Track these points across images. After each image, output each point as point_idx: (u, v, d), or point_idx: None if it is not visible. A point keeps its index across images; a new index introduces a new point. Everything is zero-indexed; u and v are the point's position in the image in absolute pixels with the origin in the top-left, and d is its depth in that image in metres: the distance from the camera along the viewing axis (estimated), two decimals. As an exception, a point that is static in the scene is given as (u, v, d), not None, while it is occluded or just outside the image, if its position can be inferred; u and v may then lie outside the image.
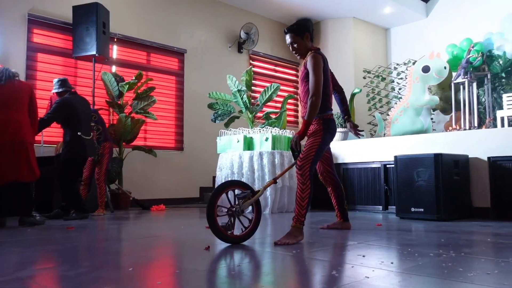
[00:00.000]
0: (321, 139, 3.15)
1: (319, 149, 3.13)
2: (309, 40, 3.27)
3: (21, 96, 4.20)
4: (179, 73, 7.65)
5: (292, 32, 3.25)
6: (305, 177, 3.02)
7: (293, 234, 2.92)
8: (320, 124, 3.20)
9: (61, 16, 6.26)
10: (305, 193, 3.01)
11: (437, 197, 4.29)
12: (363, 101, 8.40)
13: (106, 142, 5.39)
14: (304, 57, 3.28)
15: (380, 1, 8.49)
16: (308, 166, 3.05)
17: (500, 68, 7.36)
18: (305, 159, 3.06)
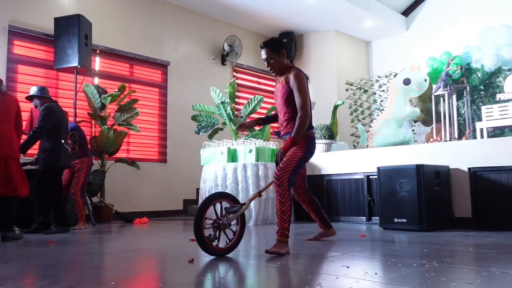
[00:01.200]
0: (302, 154, 3.12)
1: (299, 162, 3.11)
2: (285, 57, 3.24)
3: (10, 110, 4.17)
4: (163, 85, 7.63)
5: (269, 48, 3.18)
6: (283, 188, 2.98)
7: (280, 246, 2.92)
8: (304, 140, 3.16)
9: (42, 28, 6.20)
10: (285, 206, 2.98)
11: (419, 208, 4.33)
12: (346, 113, 8.49)
13: (85, 157, 5.30)
14: (279, 74, 3.25)
15: (361, 15, 8.64)
16: (286, 177, 3.00)
17: (478, 80, 7.53)
18: (283, 170, 3.02)
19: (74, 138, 5.21)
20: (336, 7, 8.21)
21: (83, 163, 5.27)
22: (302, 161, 3.14)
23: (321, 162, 5.97)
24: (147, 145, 7.33)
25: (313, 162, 6.03)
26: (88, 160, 5.34)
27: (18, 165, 4.11)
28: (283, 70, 3.23)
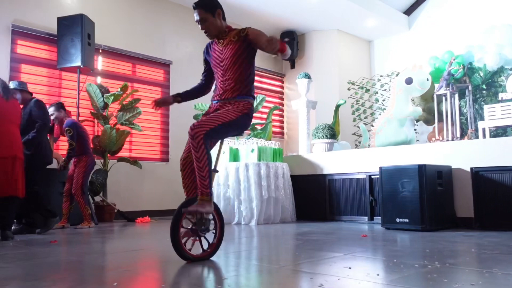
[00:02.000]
0: (234, 118, 2.74)
1: (226, 125, 2.70)
2: (221, 17, 2.90)
3: (18, 112, 4.30)
4: (165, 84, 7.64)
5: (201, 8, 2.84)
6: (197, 141, 2.59)
7: (201, 205, 2.63)
8: (247, 107, 2.83)
9: (45, 27, 6.22)
10: (201, 161, 2.60)
11: (421, 208, 4.34)
12: (348, 112, 8.49)
13: (83, 155, 5.27)
14: (216, 37, 2.93)
15: (363, 14, 8.63)
16: (203, 131, 2.60)
17: (480, 80, 7.52)
18: (203, 123, 2.64)
19: (69, 134, 5.14)
20: (338, 6, 8.20)
21: (81, 161, 5.24)
22: (230, 126, 2.74)
23: (323, 161, 5.98)
24: (150, 144, 7.34)
25: (315, 162, 6.04)
26: (86, 158, 5.28)
27: (23, 167, 4.16)
28: (221, 32, 2.91)
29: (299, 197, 6.05)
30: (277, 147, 6.05)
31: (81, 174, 5.21)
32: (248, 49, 2.86)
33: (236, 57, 2.85)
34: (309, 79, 6.94)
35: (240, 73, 2.85)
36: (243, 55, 2.85)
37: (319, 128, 6.46)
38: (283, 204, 5.76)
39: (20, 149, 4.15)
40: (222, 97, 2.88)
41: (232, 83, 2.85)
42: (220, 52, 2.92)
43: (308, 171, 6.09)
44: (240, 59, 2.85)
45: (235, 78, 2.85)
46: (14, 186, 4.01)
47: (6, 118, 4.09)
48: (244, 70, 2.86)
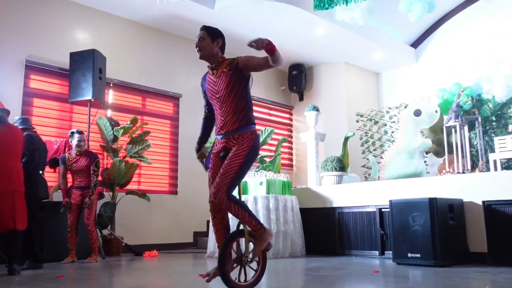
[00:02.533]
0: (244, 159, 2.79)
1: (240, 170, 2.77)
2: (219, 48, 3.05)
3: (17, 143, 4.23)
4: (174, 117, 7.71)
5: (205, 31, 3.06)
6: (225, 204, 2.70)
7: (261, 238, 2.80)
8: (251, 139, 2.86)
9: (58, 62, 6.36)
10: (240, 213, 2.73)
11: (433, 242, 4.24)
12: (357, 144, 8.47)
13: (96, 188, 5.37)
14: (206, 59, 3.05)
15: (370, 47, 8.73)
16: (223, 192, 2.69)
17: (490, 111, 7.50)
18: (219, 185, 2.71)
19: (98, 165, 5.35)
20: (345, 40, 8.31)
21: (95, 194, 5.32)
22: (243, 169, 2.79)
23: (333, 194, 5.92)
24: (158, 177, 7.35)
25: (324, 194, 5.99)
26: (98, 191, 5.46)
27: (23, 200, 4.12)
28: (212, 58, 3.03)
29: (309, 231, 5.96)
30: (286, 179, 6.02)
31: (95, 206, 5.30)
32: (241, 78, 2.93)
33: (230, 87, 2.91)
34: (317, 112, 6.97)
35: (237, 103, 2.90)
36: (237, 84, 2.91)
37: (328, 161, 6.43)
38: (292, 238, 5.68)
39: (19, 182, 4.10)
40: (224, 130, 2.92)
41: (231, 114, 2.89)
42: (214, 83, 3.00)
43: (318, 204, 6.03)
44: (235, 89, 2.91)
45: (233, 108, 2.89)
46: (19, 220, 3.99)
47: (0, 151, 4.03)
48: (240, 99, 2.91)
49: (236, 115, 2.88)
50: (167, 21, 7.37)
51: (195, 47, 3.05)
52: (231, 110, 2.89)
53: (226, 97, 2.92)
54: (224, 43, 3.09)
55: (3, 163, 4.02)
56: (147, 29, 7.50)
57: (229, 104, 2.90)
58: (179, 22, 7.39)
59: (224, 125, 2.91)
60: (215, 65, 3.03)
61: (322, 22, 7.58)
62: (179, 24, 7.44)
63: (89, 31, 6.83)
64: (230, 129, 2.89)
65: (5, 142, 4.10)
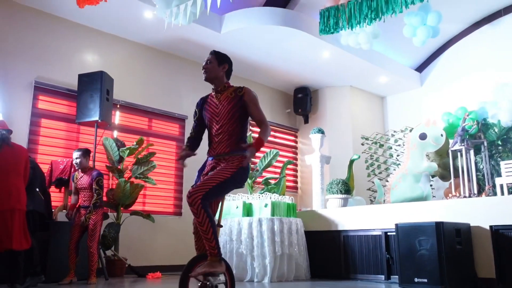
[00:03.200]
0: (229, 175, 2.81)
1: (222, 184, 2.77)
2: (225, 73, 3.14)
3: (19, 160, 4.25)
4: (180, 138, 7.74)
5: (214, 55, 3.16)
6: (196, 206, 2.64)
7: (211, 265, 2.68)
8: (241, 161, 2.89)
9: (66, 84, 6.44)
10: (204, 225, 2.65)
11: (440, 267, 4.19)
12: (362, 167, 8.45)
13: (100, 208, 5.30)
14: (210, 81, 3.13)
15: (375, 71, 8.79)
16: (199, 196, 2.65)
17: (496, 135, 7.48)
18: (198, 188, 2.69)
19: (100, 183, 5.24)
20: (351, 64, 8.39)
21: (98, 214, 5.22)
22: (227, 184, 2.80)
23: (338, 217, 5.88)
24: (163, 198, 7.34)
25: (329, 217, 5.95)
26: (102, 211, 5.36)
27: (23, 219, 4.12)
28: (216, 82, 3.12)
29: (313, 254, 5.90)
30: (291, 202, 6.00)
31: (99, 226, 5.21)
32: (243, 107, 3.01)
33: (232, 112, 2.99)
34: (322, 134, 6.99)
35: (234, 128, 2.98)
36: (239, 111, 2.99)
37: (333, 183, 6.42)
38: (297, 261, 5.62)
39: (19, 200, 4.10)
40: (216, 151, 2.98)
41: (226, 136, 2.96)
42: (216, 106, 3.06)
43: (323, 227, 5.99)
44: (236, 114, 2.99)
45: (230, 131, 2.97)
46: (15, 239, 3.98)
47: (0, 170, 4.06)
48: (238, 125, 2.99)
49: (231, 138, 2.96)
50: (174, 44, 7.49)
51: (202, 69, 3.14)
52: (227, 134, 2.97)
53: (226, 122, 2.99)
54: (231, 69, 3.19)
55: (3, 182, 4.04)
56: (155, 51, 7.61)
57: (226, 128, 2.98)
58: (186, 46, 7.50)
59: (218, 146, 2.98)
60: (220, 89, 3.11)
61: (327, 46, 7.66)
62: (186, 47, 7.55)
63: (98, 53, 6.94)
64: (222, 151, 2.96)
65: (5, 160, 4.13)
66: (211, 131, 3.05)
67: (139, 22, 6.74)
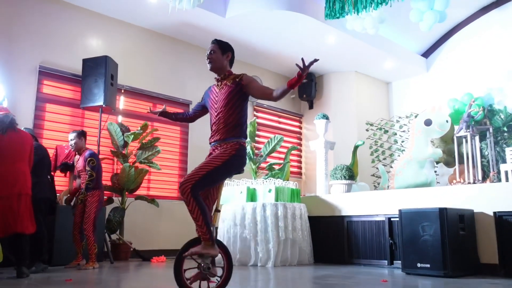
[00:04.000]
0: (220, 163, 2.84)
1: (215, 172, 2.81)
2: (228, 61, 3.20)
3: (25, 147, 4.27)
4: (184, 123, 7.75)
5: (217, 44, 3.22)
6: (186, 195, 2.70)
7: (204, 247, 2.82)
8: (234, 148, 2.92)
9: (71, 68, 6.44)
10: (195, 213, 2.74)
11: (443, 253, 4.20)
12: (366, 153, 8.44)
13: (96, 190, 5.03)
14: (215, 71, 3.17)
15: (381, 56, 8.72)
16: (189, 185, 2.70)
17: (501, 122, 7.44)
18: (190, 176, 2.74)
19: (92, 165, 4.97)
20: (356, 49, 8.32)
21: (93, 196, 4.98)
22: (218, 172, 2.84)
23: (341, 203, 5.90)
24: (167, 183, 7.38)
25: (333, 203, 5.97)
26: (99, 193, 5.06)
27: (29, 203, 4.15)
28: (221, 71, 3.16)
29: (317, 239, 5.94)
30: (295, 187, 6.01)
31: (94, 209, 4.96)
32: (240, 93, 3.04)
33: (228, 99, 3.02)
34: (327, 120, 6.97)
35: (231, 115, 3.00)
36: (235, 98, 3.02)
37: (337, 169, 6.42)
38: (301, 246, 5.65)
39: (25, 185, 4.13)
40: (214, 138, 3.03)
41: (223, 124, 3.00)
42: (216, 94, 3.13)
43: (326, 212, 6.01)
44: (232, 101, 3.02)
45: (226, 119, 3.00)
46: (21, 223, 4.03)
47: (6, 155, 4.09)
48: (235, 112, 3.01)
49: (227, 127, 2.99)
50: (178, 29, 7.45)
51: (206, 59, 3.19)
52: (223, 121, 3.00)
53: (222, 109, 3.03)
54: (233, 57, 3.25)
55: (9, 167, 4.07)
56: (159, 36, 7.57)
57: (223, 115, 3.01)
58: (190, 30, 7.46)
59: (216, 133, 3.03)
60: (222, 78, 3.16)
61: (332, 31, 7.60)
62: (191, 32, 7.51)
63: (102, 38, 6.91)
64: (218, 138, 3.00)
65: (12, 146, 4.15)
66: (211, 119, 3.11)
67: (143, 6, 6.70)
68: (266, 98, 2.99)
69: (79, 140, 5.15)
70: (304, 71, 2.72)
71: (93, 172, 4.98)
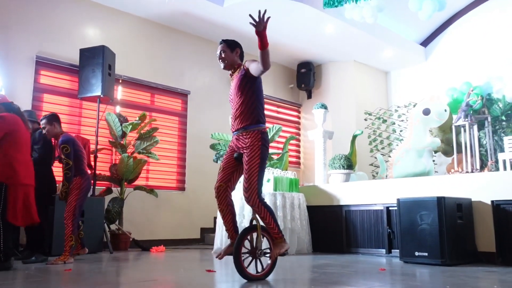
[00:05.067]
0: (259, 160, 3.10)
1: (261, 171, 3.10)
2: (238, 56, 3.38)
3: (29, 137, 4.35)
4: (183, 114, 7.74)
5: (225, 43, 3.37)
6: (257, 206, 3.06)
7: (279, 246, 3.14)
8: (258, 138, 3.15)
9: (68, 58, 6.41)
10: (266, 218, 3.08)
11: (441, 241, 4.22)
12: (365, 142, 8.44)
13: (78, 176, 4.57)
14: (229, 68, 3.36)
15: (379, 46, 8.69)
16: (255, 196, 3.05)
17: (500, 111, 7.44)
18: (249, 188, 3.05)
19: (66, 152, 4.45)
20: (354, 38, 8.29)
21: (75, 183, 4.54)
22: (262, 167, 3.11)
23: (340, 192, 5.91)
24: (166, 173, 7.38)
25: (332, 192, 5.98)
26: (80, 180, 4.56)
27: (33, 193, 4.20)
28: (234, 66, 3.36)
29: (315, 228, 5.96)
30: (293, 177, 6.02)
31: (75, 196, 4.50)
32: (247, 79, 3.21)
33: (238, 88, 3.23)
34: (325, 110, 6.96)
35: (243, 102, 3.20)
36: (243, 85, 3.21)
37: (336, 159, 6.42)
38: (299, 235, 5.68)
39: (32, 176, 4.17)
40: (235, 128, 3.24)
41: (238, 112, 3.21)
42: (232, 88, 3.34)
43: (325, 201, 6.03)
44: (241, 89, 3.21)
45: (241, 108, 3.20)
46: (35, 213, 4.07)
47: (29, 147, 4.20)
48: (246, 99, 3.20)
49: (243, 114, 3.19)
50: (176, 19, 7.40)
51: (218, 60, 3.36)
52: (239, 109, 3.20)
53: (236, 98, 3.23)
54: (242, 51, 3.41)
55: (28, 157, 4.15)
56: (157, 26, 7.53)
57: (238, 104, 3.21)
58: (188, 20, 7.41)
59: (235, 122, 3.23)
60: (233, 72, 3.37)
61: (331, 20, 7.56)
62: (189, 21, 7.46)
63: (99, 27, 6.87)
64: (239, 127, 3.20)
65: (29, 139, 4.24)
66: (232, 111, 3.29)
67: (140, -5, 6.65)
68: (261, 72, 3.13)
69: (51, 126, 4.63)
70: (259, 26, 2.85)
71: (68, 160, 4.47)
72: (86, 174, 4.69)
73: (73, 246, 4.45)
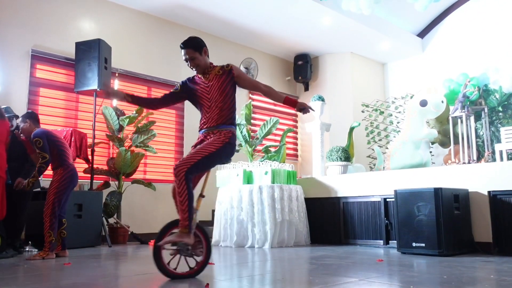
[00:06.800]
0: (215, 150, 2.97)
1: (208, 158, 2.93)
2: (207, 55, 3.26)
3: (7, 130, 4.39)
4: (180, 107, 7.72)
5: (191, 48, 3.20)
6: (179, 178, 2.82)
7: (179, 235, 2.86)
8: (227, 136, 3.06)
9: (64, 52, 6.37)
10: (182, 196, 2.83)
11: (438, 232, 4.25)
12: (362, 134, 8.46)
13: (59, 168, 4.35)
14: (203, 73, 3.23)
15: (376, 37, 8.67)
16: (184, 169, 2.82)
17: (496, 102, 7.46)
18: (184, 161, 2.87)
19: (39, 146, 4.23)
20: (351, 30, 8.27)
21: (56, 175, 4.34)
22: (212, 158, 2.97)
23: (337, 184, 5.93)
24: (164, 166, 7.38)
25: (329, 184, 6.00)
26: (62, 171, 4.33)
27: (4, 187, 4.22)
28: (206, 68, 3.25)
29: (313, 220, 5.99)
30: (291, 169, 6.03)
31: (53, 190, 4.26)
32: (232, 83, 3.21)
33: (222, 89, 3.16)
34: (323, 102, 6.96)
35: (224, 103, 3.15)
36: (228, 87, 3.17)
37: (333, 151, 6.43)
38: (297, 227, 5.70)
39: (3, 169, 4.20)
40: (206, 125, 3.15)
41: (216, 112, 3.13)
42: (206, 85, 3.22)
43: (322, 193, 6.05)
44: (225, 90, 3.16)
45: (220, 107, 3.13)
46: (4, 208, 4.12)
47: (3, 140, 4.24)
48: (228, 100, 3.17)
49: (221, 113, 3.12)
50: (172, 11, 7.36)
51: (190, 67, 3.24)
52: (217, 109, 3.13)
53: (217, 98, 3.15)
54: (207, 48, 3.28)
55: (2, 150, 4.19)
56: (152, 19, 7.48)
57: (217, 104, 3.14)
58: (184, 12, 7.37)
59: (208, 121, 3.14)
60: (207, 71, 3.25)
61: (328, 12, 7.53)
62: (185, 14, 7.42)
63: (95, 20, 6.83)
64: (212, 124, 3.12)
65: None
66: (203, 109, 3.20)
67: (136, -12, 6.61)
68: (257, 90, 3.27)
69: (25, 124, 4.43)
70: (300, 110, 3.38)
71: (43, 153, 4.23)
72: (70, 166, 4.41)
73: (53, 242, 4.23)
